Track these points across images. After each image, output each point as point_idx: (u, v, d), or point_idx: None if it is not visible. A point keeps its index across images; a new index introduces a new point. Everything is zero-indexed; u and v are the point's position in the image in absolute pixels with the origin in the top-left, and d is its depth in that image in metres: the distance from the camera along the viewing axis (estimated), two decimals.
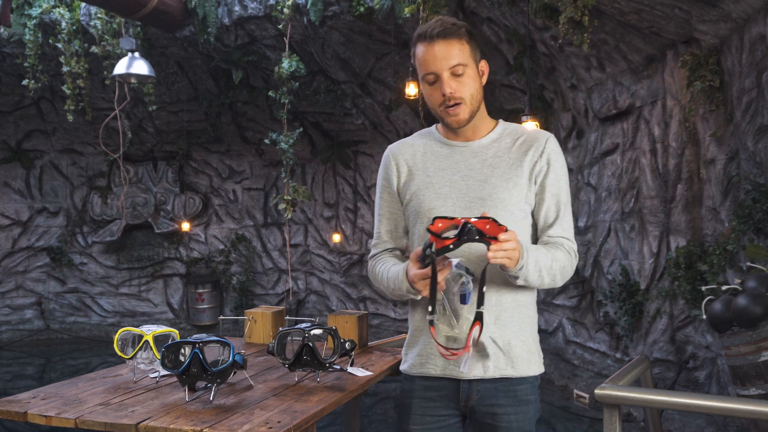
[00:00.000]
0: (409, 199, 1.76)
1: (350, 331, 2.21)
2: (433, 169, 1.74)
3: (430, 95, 1.68)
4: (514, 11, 5.14)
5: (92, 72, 7.23)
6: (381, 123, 8.04)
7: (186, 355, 1.68)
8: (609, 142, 5.57)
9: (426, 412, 1.73)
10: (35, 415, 1.49)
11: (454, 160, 1.73)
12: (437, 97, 1.66)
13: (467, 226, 1.45)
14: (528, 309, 1.74)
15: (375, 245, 1.86)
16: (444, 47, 1.62)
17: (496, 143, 1.74)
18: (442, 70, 1.63)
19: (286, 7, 6.27)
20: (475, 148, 1.73)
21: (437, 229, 1.47)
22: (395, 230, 1.83)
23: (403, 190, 1.78)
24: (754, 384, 3.27)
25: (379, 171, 1.86)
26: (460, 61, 1.63)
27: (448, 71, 1.63)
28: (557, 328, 6.56)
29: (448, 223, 1.48)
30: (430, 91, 1.68)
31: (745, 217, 3.97)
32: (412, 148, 1.80)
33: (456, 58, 1.62)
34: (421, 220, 1.73)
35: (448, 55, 1.62)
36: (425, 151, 1.78)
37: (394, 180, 1.80)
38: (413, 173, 1.76)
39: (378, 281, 1.78)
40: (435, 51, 1.62)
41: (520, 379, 1.70)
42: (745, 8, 3.77)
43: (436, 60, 1.62)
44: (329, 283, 9.32)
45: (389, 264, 1.76)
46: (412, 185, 1.75)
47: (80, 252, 9.39)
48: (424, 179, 1.74)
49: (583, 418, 5.25)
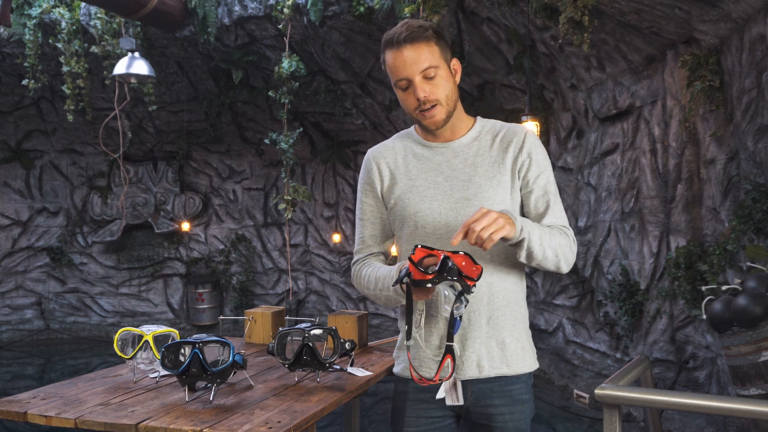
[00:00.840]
0: (393, 204, 1.75)
1: (350, 331, 2.21)
2: (416, 172, 1.73)
3: (405, 100, 1.67)
4: (514, 11, 5.14)
5: (92, 72, 7.23)
6: (381, 123, 8.04)
7: (186, 355, 1.68)
8: (609, 142, 5.57)
9: (420, 414, 1.72)
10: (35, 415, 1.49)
11: (436, 162, 1.72)
12: (412, 102, 1.65)
13: (448, 264, 1.42)
14: (519, 306, 1.74)
15: (358, 250, 1.83)
16: (413, 52, 1.60)
17: (477, 141, 1.73)
18: (413, 75, 1.61)
19: (286, 7, 6.27)
20: (455, 148, 1.72)
21: (418, 257, 1.45)
22: (379, 234, 1.81)
23: (387, 195, 1.77)
24: (754, 384, 3.27)
25: (360, 175, 1.84)
26: (431, 63, 1.61)
27: (420, 75, 1.61)
28: (557, 328, 6.56)
29: (426, 253, 1.46)
30: (404, 96, 1.66)
31: (745, 217, 3.97)
32: (393, 152, 1.79)
33: (426, 61, 1.60)
34: (407, 223, 1.72)
35: (417, 59, 1.60)
36: (406, 154, 1.77)
37: (378, 184, 1.78)
38: (396, 177, 1.75)
39: (364, 284, 1.76)
40: (404, 56, 1.60)
41: (515, 378, 1.70)
42: (745, 8, 3.77)
43: (406, 65, 1.60)
44: (329, 283, 9.32)
45: (377, 266, 1.74)
46: (396, 189, 1.74)
47: (80, 252, 9.40)
48: (408, 182, 1.73)
49: (583, 418, 5.25)
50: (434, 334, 1.67)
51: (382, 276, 1.68)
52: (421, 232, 1.69)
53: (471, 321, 1.66)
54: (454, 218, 1.66)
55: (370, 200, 1.81)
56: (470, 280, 1.45)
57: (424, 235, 1.68)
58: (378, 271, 1.71)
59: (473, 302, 1.64)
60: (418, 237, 1.69)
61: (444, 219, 1.67)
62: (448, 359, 1.50)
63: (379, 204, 1.80)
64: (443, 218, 1.67)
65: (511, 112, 6.49)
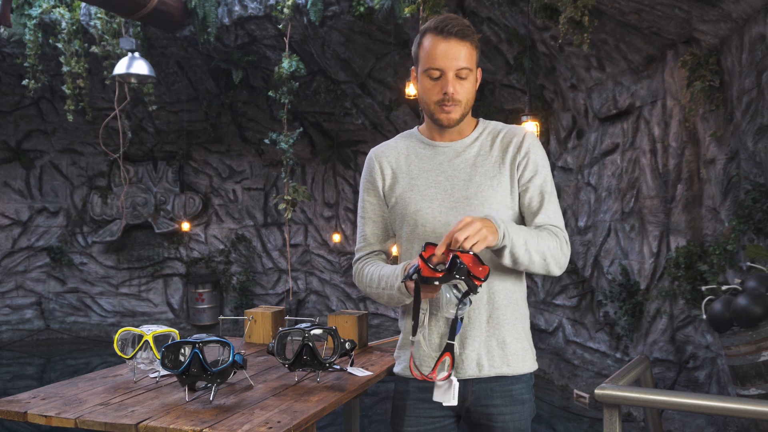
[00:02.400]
0: (394, 202, 1.76)
1: (350, 331, 2.21)
2: (417, 171, 1.74)
3: (429, 90, 1.67)
4: (514, 11, 5.14)
5: (92, 72, 7.23)
6: (381, 123, 8.04)
7: (186, 355, 1.68)
8: (609, 142, 5.57)
9: (421, 413, 1.72)
10: (35, 415, 1.49)
11: (437, 161, 1.74)
12: (436, 93, 1.66)
13: (457, 263, 1.43)
14: (519, 306, 1.74)
15: (360, 248, 1.84)
16: (457, 47, 1.62)
17: (478, 142, 1.75)
18: (449, 69, 1.62)
19: (286, 7, 6.27)
20: (457, 148, 1.74)
21: (427, 256, 1.47)
22: (381, 233, 1.82)
23: (388, 193, 1.78)
24: (754, 384, 3.27)
25: (362, 174, 1.86)
26: (467, 64, 1.63)
27: (454, 72, 1.63)
28: (557, 328, 6.56)
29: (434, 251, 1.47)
30: (430, 86, 1.67)
31: (745, 217, 3.97)
32: (396, 151, 1.80)
33: (465, 60, 1.63)
34: (407, 222, 1.72)
35: (458, 56, 1.62)
36: (408, 153, 1.78)
37: (379, 183, 1.79)
38: (397, 176, 1.76)
39: (366, 283, 1.76)
40: (448, 48, 1.62)
41: (515, 378, 1.70)
42: (745, 8, 3.77)
43: (447, 57, 1.62)
44: (329, 283, 9.32)
45: (380, 265, 1.75)
46: (397, 188, 1.75)
47: (80, 252, 9.39)
48: (409, 181, 1.74)
49: (583, 418, 5.25)
50: (435, 333, 1.68)
51: (385, 275, 1.69)
52: (421, 230, 1.69)
53: (471, 320, 1.66)
54: (454, 217, 1.66)
55: (372, 199, 1.82)
56: (477, 280, 1.45)
57: (424, 234, 1.69)
58: (381, 270, 1.71)
59: (473, 301, 1.64)
60: (418, 236, 1.70)
61: (444, 218, 1.68)
62: (447, 357, 1.51)
63: (380, 203, 1.81)
64: (444, 217, 1.68)
65: (511, 112, 6.49)
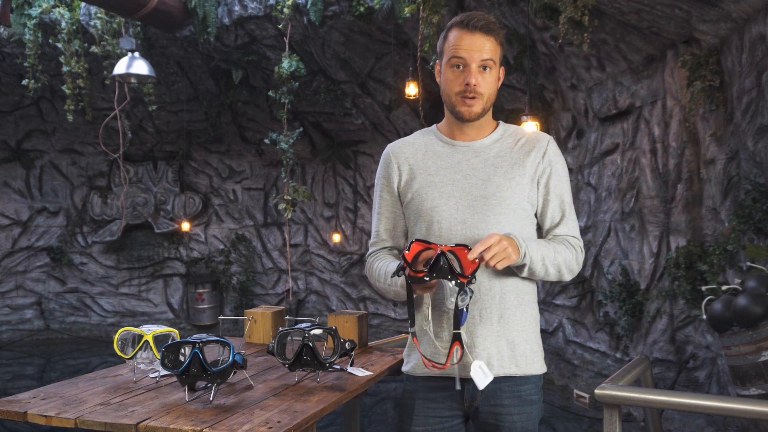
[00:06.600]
0: (410, 198, 1.76)
1: (350, 331, 2.21)
2: (435, 168, 1.74)
3: (452, 81, 1.69)
4: (514, 11, 5.14)
5: (92, 72, 7.23)
6: (381, 123, 8.04)
7: (186, 355, 1.68)
8: (609, 142, 5.57)
9: (429, 413, 1.73)
10: (35, 415, 1.49)
11: (456, 159, 1.74)
12: (458, 84, 1.67)
13: (440, 261, 1.46)
14: (530, 307, 1.74)
15: (373, 243, 1.87)
16: (482, 39, 1.65)
17: (498, 143, 1.75)
18: (472, 61, 1.65)
19: (286, 7, 6.27)
20: (477, 148, 1.74)
21: (412, 253, 1.51)
22: (394, 229, 1.84)
23: (404, 190, 1.78)
24: (754, 384, 3.27)
25: (378, 169, 1.86)
26: (491, 56, 1.66)
27: (478, 63, 1.65)
28: (557, 328, 6.56)
29: (423, 247, 1.51)
30: (453, 76, 1.68)
31: (745, 217, 3.97)
32: (413, 147, 1.80)
33: (488, 53, 1.66)
34: (422, 218, 1.73)
35: (482, 48, 1.65)
36: (426, 150, 1.78)
37: (395, 179, 1.80)
38: (415, 172, 1.77)
39: (375, 277, 1.79)
40: (472, 39, 1.65)
41: (524, 378, 1.71)
42: (745, 8, 3.77)
43: (472, 49, 1.65)
44: (329, 283, 9.32)
45: (388, 260, 1.77)
46: (414, 184, 1.75)
47: (80, 252, 9.39)
48: (426, 178, 1.74)
49: (583, 418, 5.25)
50: (445, 329, 1.68)
51: (390, 271, 1.70)
52: (437, 227, 1.70)
53: (482, 318, 1.67)
54: (470, 215, 1.67)
55: (386, 195, 1.83)
56: (463, 277, 1.46)
57: (440, 231, 1.69)
58: (389, 266, 1.73)
59: (485, 300, 1.65)
60: (433, 232, 1.71)
61: (461, 215, 1.68)
62: (456, 346, 1.53)
63: (394, 199, 1.81)
64: (460, 215, 1.68)
65: (511, 112, 6.49)
